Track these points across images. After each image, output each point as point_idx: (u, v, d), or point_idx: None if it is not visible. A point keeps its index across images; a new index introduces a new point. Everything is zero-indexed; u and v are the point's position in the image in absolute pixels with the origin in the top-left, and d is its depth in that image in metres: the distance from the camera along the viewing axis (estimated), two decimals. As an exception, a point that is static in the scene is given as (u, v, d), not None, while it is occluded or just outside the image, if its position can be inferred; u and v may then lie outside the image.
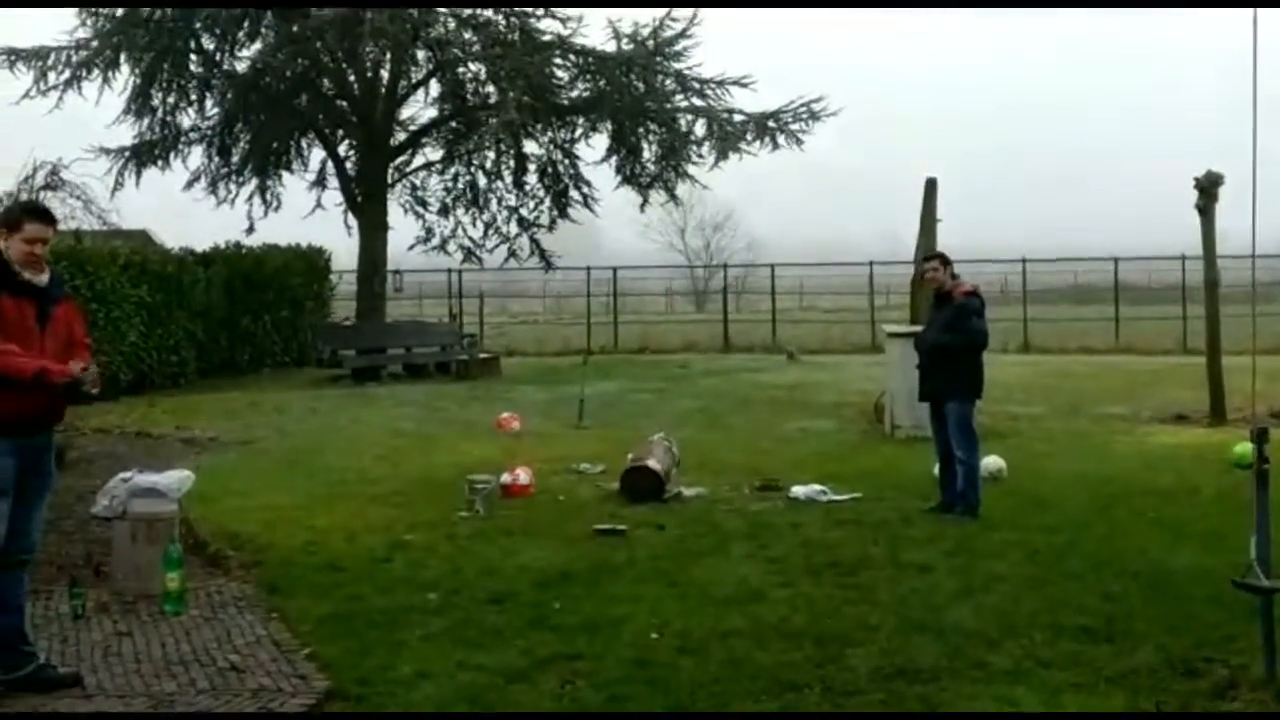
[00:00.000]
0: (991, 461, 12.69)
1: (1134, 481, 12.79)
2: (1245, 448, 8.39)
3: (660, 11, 29.55)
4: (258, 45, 29.40)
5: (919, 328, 13.46)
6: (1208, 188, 17.68)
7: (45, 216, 6.65)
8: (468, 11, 28.95)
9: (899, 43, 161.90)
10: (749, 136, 29.82)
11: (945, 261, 11.61)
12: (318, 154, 31.48)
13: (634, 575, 8.97)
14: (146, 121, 29.64)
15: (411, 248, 32.57)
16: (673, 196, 32.10)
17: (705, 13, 29.64)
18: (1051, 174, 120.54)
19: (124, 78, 28.76)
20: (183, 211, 31.67)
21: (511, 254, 32.13)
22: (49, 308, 6.46)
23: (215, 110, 30.14)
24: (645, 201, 31.93)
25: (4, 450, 6.25)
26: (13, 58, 28.28)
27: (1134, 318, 35.67)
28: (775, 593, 8.45)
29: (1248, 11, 6.85)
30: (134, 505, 8.78)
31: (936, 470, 11.65)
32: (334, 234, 31.39)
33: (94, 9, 28.22)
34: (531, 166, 31.34)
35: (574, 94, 30.24)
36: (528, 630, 7.54)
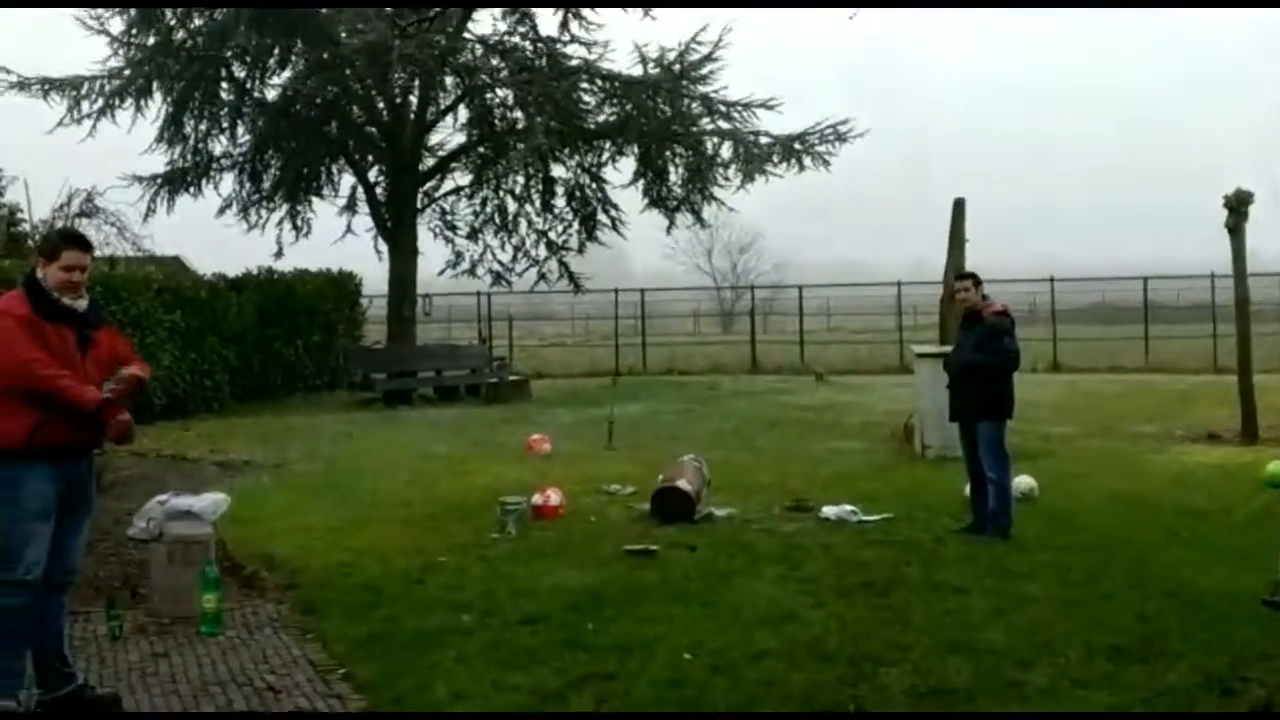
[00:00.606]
0: (1023, 481, 12.67)
1: (1166, 501, 12.75)
2: (1277, 466, 8.41)
3: (686, 35, 29.70)
4: (288, 73, 29.66)
5: (948, 348, 13.47)
6: (1237, 206, 17.66)
7: (82, 243, 6.72)
8: (495, 38, 29.12)
9: (929, 54, 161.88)
10: (775, 158, 29.84)
11: (977, 282, 11.62)
12: (348, 179, 31.68)
13: (666, 596, 8.99)
14: (179, 149, 29.86)
15: (441, 272, 32.71)
16: (699, 219, 32.15)
17: (731, 35, 29.74)
18: (1082, 190, 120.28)
19: (156, 106, 29.03)
20: (214, 238, 31.89)
21: (541, 277, 32.24)
22: (89, 333, 6.53)
23: (246, 137, 30.38)
24: (672, 224, 31.95)
25: (45, 476, 6.31)
26: (47, 87, 28.54)
27: (1164, 336, 35.51)
28: (807, 613, 8.46)
29: None
30: (170, 527, 8.87)
31: (968, 490, 11.64)
32: (364, 258, 31.58)
33: (127, 42, 28.48)
34: (559, 190, 31.48)
35: (601, 118, 30.36)
36: (561, 651, 7.57)
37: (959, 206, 18.96)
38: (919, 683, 6.86)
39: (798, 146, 29.82)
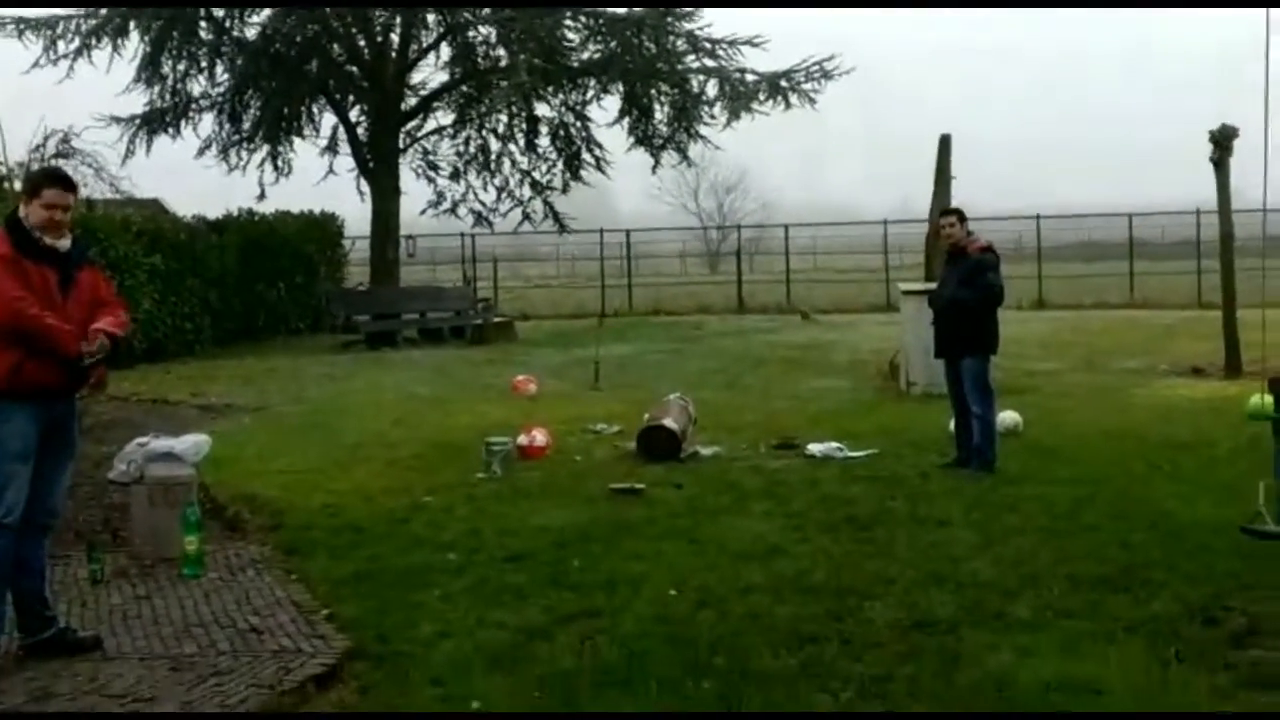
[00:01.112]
0: (1008, 416, 12.68)
1: (1150, 435, 12.77)
2: (1259, 400, 8.40)
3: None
4: (267, 11, 29.31)
5: (934, 285, 13.43)
6: (1222, 141, 17.60)
7: (65, 182, 6.63)
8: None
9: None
10: (761, 96, 29.65)
11: (961, 218, 11.56)
12: (329, 120, 31.50)
13: (652, 533, 8.98)
14: (157, 89, 29.60)
15: (423, 212, 32.58)
16: (685, 157, 31.99)
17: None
18: (1069, 128, 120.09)
19: (134, 46, 28.75)
20: (194, 179, 31.67)
21: (525, 217, 32.12)
22: (72, 273, 6.45)
23: (226, 77, 30.11)
24: (657, 163, 31.79)
25: (26, 417, 6.26)
26: (22, 26, 28.24)
27: (1148, 273, 35.55)
28: (793, 548, 8.46)
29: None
30: (151, 470, 8.82)
31: (952, 426, 11.64)
32: (346, 199, 31.44)
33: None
34: (543, 129, 31.30)
35: (585, 56, 30.14)
36: (547, 588, 7.56)
37: (945, 144, 18.88)
38: (903, 615, 6.87)
39: (784, 84, 29.62)
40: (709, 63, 29.91)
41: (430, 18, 29.83)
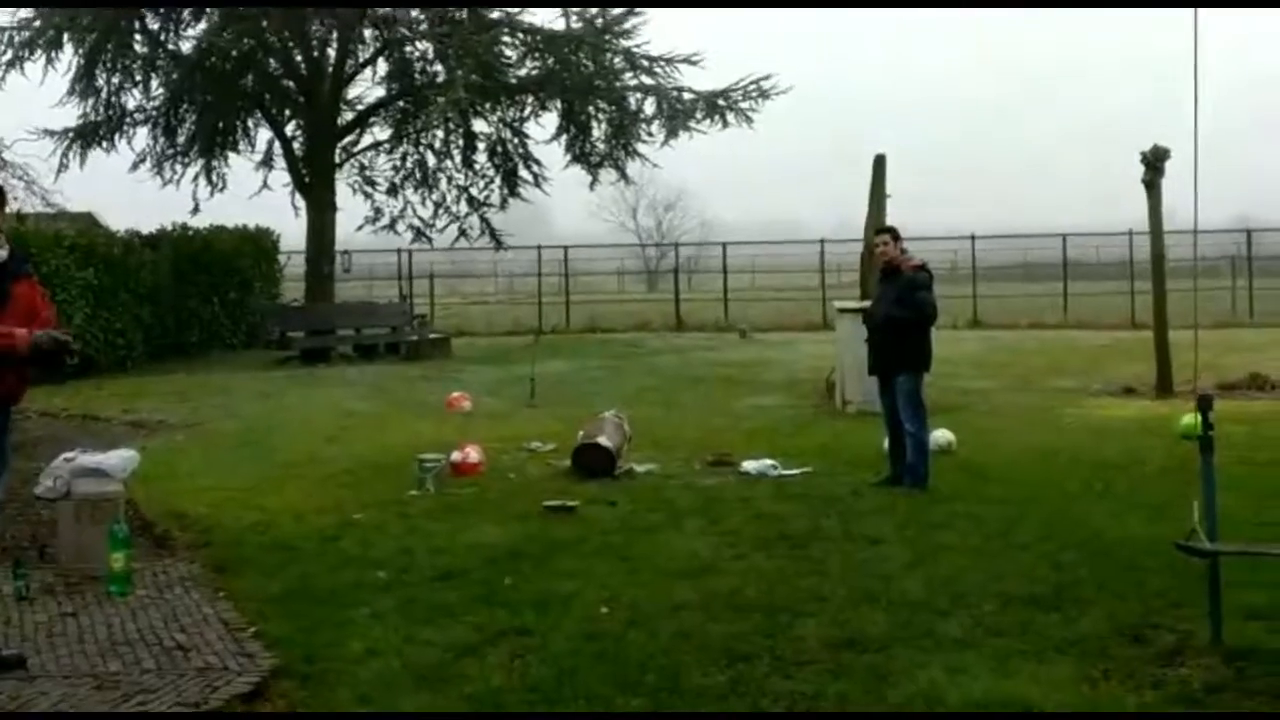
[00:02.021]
0: (941, 435, 12.76)
1: (1082, 454, 12.88)
2: (1192, 419, 8.48)
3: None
4: (203, 25, 29.05)
5: (869, 303, 13.49)
6: (1154, 162, 17.81)
7: None
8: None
9: (854, 20, 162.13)
10: (699, 115, 29.70)
11: (896, 236, 11.64)
12: (264, 134, 31.19)
13: (584, 551, 8.95)
14: (91, 102, 29.23)
15: (360, 228, 32.34)
16: (623, 175, 31.97)
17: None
18: (1002, 151, 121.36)
19: (67, 58, 28.39)
20: (127, 194, 31.34)
21: (462, 233, 31.96)
22: (7, 285, 6.30)
23: (160, 91, 29.79)
24: (595, 180, 31.76)
25: None
26: (-46, 37, 27.85)
27: (1083, 294, 35.91)
28: (726, 565, 8.46)
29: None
30: (78, 485, 8.68)
31: (886, 444, 11.68)
32: (281, 215, 31.18)
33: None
34: (481, 145, 31.17)
35: (522, 72, 30.07)
36: (477, 606, 7.50)
37: (879, 163, 19.01)
38: (835, 633, 6.86)
39: (721, 103, 29.69)
40: (647, 80, 29.94)
41: (367, 33, 29.69)
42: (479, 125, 30.68)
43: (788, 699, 5.91)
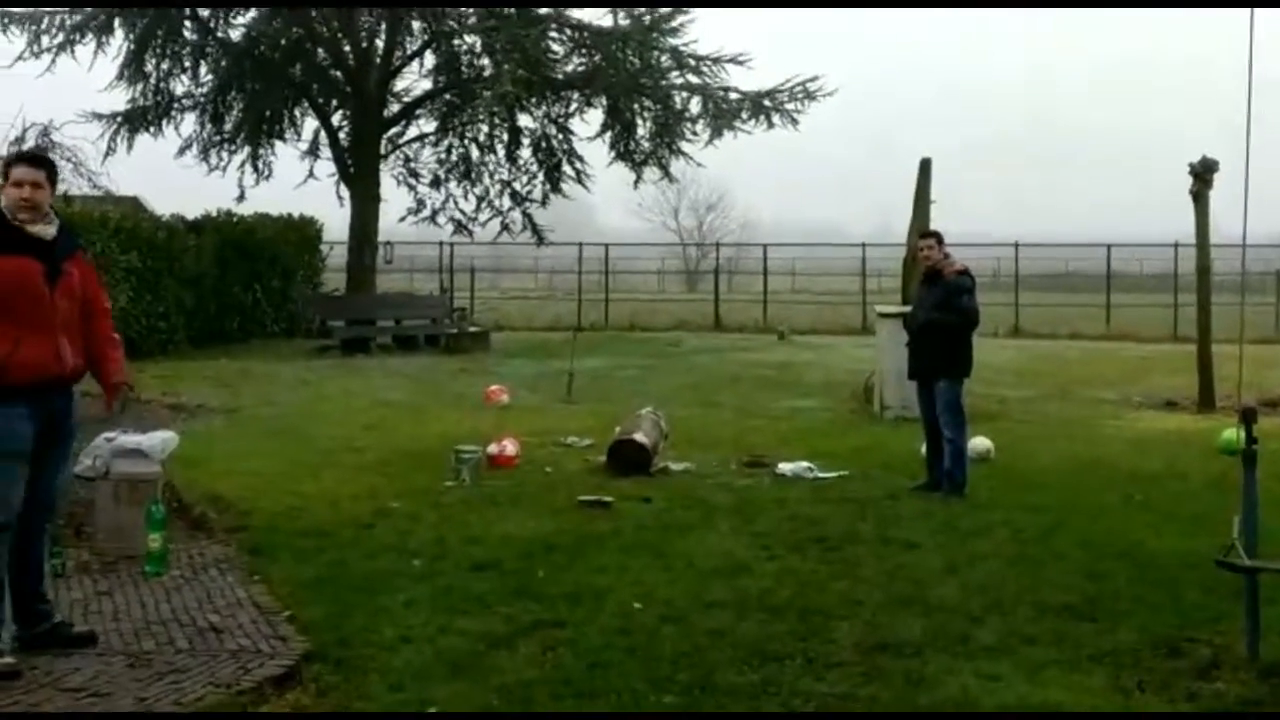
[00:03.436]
0: (980, 442, 12.67)
1: (1122, 465, 12.77)
2: (1233, 434, 8.41)
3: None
4: (252, 13, 29.30)
5: (909, 307, 13.42)
6: (1202, 173, 17.67)
7: (34, 160, 6.52)
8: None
9: (900, 23, 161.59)
10: (744, 115, 29.72)
11: (940, 240, 11.58)
12: (311, 124, 31.44)
13: (618, 546, 8.94)
14: (139, 87, 29.53)
15: (403, 219, 32.52)
16: (667, 174, 32.01)
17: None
18: (1050, 159, 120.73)
19: (118, 43, 28.68)
20: (173, 179, 31.56)
21: (504, 228, 32.07)
22: (59, 264, 6.28)
23: (209, 77, 30.06)
24: (639, 179, 31.81)
25: (20, 415, 6.13)
26: (6, 20, 28.11)
27: (1125, 305, 35.65)
28: (760, 566, 8.43)
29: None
30: (117, 465, 8.74)
31: (924, 449, 11.63)
32: (326, 204, 31.35)
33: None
34: (525, 140, 31.27)
35: (569, 68, 30.15)
36: (510, 598, 7.50)
37: (925, 167, 18.91)
38: (867, 636, 6.84)
39: (767, 103, 29.70)
40: (693, 79, 29.96)
41: (415, 25, 29.81)
42: (524, 120, 30.81)
43: (819, 700, 5.88)
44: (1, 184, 6.30)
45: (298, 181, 31.16)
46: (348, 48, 30.01)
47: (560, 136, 31.35)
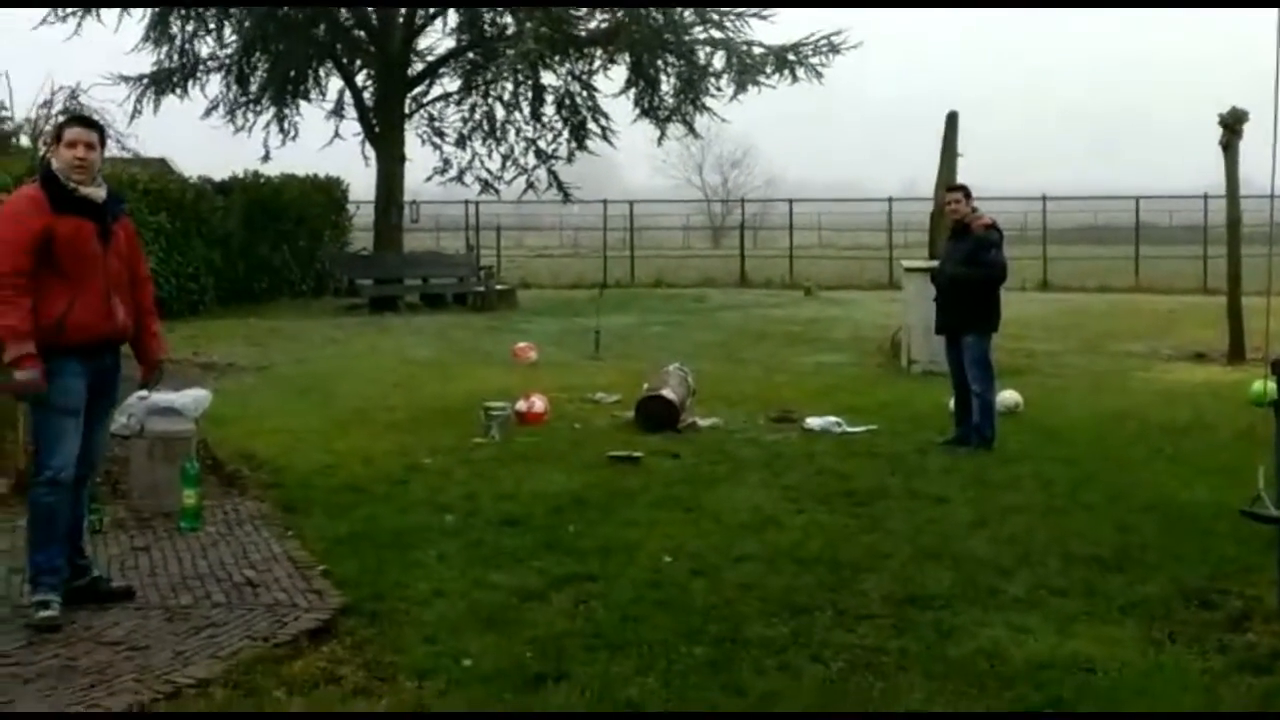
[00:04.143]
0: (1008, 396, 12.67)
1: (1151, 417, 12.75)
2: (1262, 385, 8.38)
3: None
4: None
5: (936, 262, 13.40)
6: (1232, 124, 17.55)
7: (86, 121, 6.71)
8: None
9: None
10: (768, 69, 29.58)
11: (967, 194, 11.53)
12: (335, 84, 31.42)
13: (648, 501, 8.99)
14: (165, 49, 29.56)
15: (429, 179, 32.53)
16: (691, 130, 31.89)
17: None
18: (1079, 112, 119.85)
19: (143, 5, 28.61)
20: (200, 140, 31.66)
21: (529, 185, 32.03)
22: (109, 224, 6.39)
23: (234, 38, 30.01)
24: (663, 135, 31.75)
25: (74, 372, 6.23)
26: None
27: (1154, 257, 35.45)
28: (789, 520, 8.47)
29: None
30: (152, 423, 8.81)
31: (952, 404, 11.62)
32: (351, 164, 31.37)
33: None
34: (549, 98, 31.16)
35: (592, 25, 30.01)
36: (542, 552, 7.56)
37: (952, 120, 18.83)
38: (897, 589, 6.87)
39: (791, 57, 29.55)
40: (716, 34, 29.81)
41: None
42: (548, 78, 30.71)
43: (849, 653, 5.91)
44: (53, 146, 6.38)
45: (323, 142, 31.20)
46: (370, 7, 29.93)
47: (584, 94, 31.24)
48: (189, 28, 29.49)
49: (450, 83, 32.01)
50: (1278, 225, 14.62)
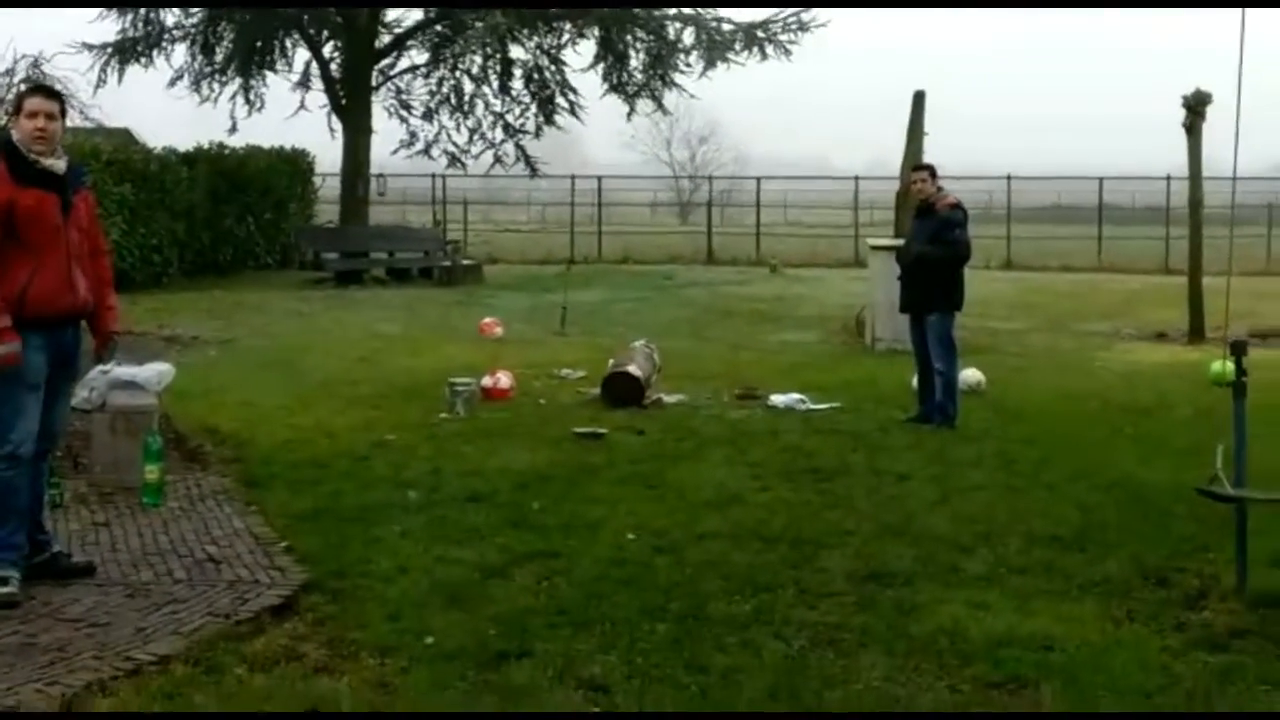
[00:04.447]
0: (971, 374, 12.74)
1: (1112, 397, 12.85)
2: (1222, 365, 8.43)
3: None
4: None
5: (902, 240, 13.44)
6: (1195, 106, 17.64)
7: (46, 91, 6.71)
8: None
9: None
10: (737, 46, 29.57)
11: (933, 173, 11.57)
12: (302, 55, 31.16)
13: (612, 477, 9.01)
14: (129, 17, 29.25)
15: (395, 151, 32.28)
16: (660, 106, 31.86)
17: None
18: (1043, 94, 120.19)
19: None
20: (164, 111, 31.39)
21: (497, 160, 31.92)
22: (70, 195, 6.36)
23: (199, 8, 29.72)
24: (632, 110, 31.67)
25: (36, 345, 6.20)
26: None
27: (1117, 237, 35.62)
28: (753, 497, 8.50)
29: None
30: (113, 397, 8.78)
31: (915, 382, 11.68)
32: (318, 136, 31.15)
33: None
34: (518, 72, 31.05)
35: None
36: (506, 528, 7.57)
37: (919, 99, 18.87)
38: (859, 566, 6.91)
39: (760, 34, 29.54)
40: (686, 10, 29.76)
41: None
42: (516, 52, 30.60)
43: (810, 630, 5.94)
44: (14, 116, 6.34)
45: (289, 113, 30.97)
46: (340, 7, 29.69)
47: (553, 68, 31.14)
48: (153, -6, 29.19)
49: (418, 55, 31.85)
50: (1239, 207, 14.71)
